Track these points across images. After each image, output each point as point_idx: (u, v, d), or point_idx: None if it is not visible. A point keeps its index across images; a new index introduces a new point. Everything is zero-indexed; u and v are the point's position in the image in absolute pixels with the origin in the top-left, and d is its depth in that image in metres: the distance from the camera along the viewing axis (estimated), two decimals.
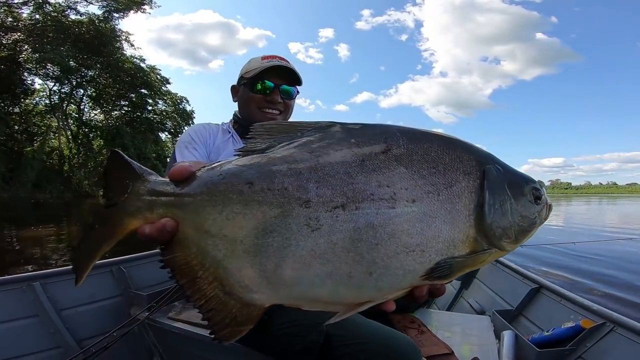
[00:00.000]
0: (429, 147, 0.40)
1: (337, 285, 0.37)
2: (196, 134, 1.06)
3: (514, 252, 0.46)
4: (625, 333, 1.04)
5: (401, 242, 0.36)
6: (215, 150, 1.06)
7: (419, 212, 0.37)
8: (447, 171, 0.39)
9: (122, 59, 26.44)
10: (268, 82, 1.03)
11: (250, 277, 0.37)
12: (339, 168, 0.37)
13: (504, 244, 0.40)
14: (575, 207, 27.19)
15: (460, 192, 0.38)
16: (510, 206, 0.40)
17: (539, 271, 4.30)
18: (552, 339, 1.16)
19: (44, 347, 1.28)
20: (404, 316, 1.21)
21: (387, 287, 0.38)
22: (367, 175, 0.37)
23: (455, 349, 1.04)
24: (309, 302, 0.39)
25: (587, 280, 4.32)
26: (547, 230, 9.35)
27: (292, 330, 0.87)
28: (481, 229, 0.38)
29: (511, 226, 0.40)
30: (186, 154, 1.00)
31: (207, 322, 0.40)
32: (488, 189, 0.39)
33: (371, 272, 0.36)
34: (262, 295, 0.38)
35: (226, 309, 0.39)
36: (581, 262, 5.19)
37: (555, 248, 5.81)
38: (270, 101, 1.04)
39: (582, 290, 3.80)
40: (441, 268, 0.37)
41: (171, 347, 1.31)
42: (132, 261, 1.61)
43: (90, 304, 1.44)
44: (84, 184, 25.25)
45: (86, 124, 28.41)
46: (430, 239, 0.37)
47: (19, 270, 4.22)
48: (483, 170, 0.40)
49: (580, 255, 5.48)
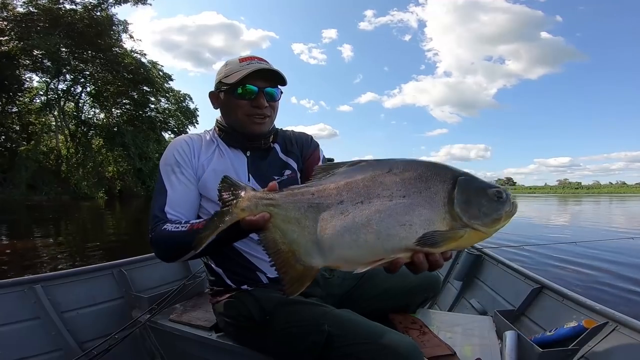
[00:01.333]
0: (418, 167, 0.61)
1: (359, 248, 0.58)
2: (180, 155, 1.01)
3: (514, 253, 0.66)
4: (629, 332, 1.04)
5: (396, 220, 0.58)
6: (200, 167, 1.02)
7: (407, 202, 0.58)
8: (429, 180, 0.60)
9: (121, 54, 24.71)
10: (251, 87, 0.98)
11: (309, 248, 0.61)
12: (360, 182, 0.61)
13: (476, 226, 0.58)
14: (589, 206, 25.93)
15: (437, 191, 0.59)
16: (475, 200, 0.58)
17: (541, 271, 4.28)
18: (554, 339, 1.16)
19: (45, 349, 1.29)
20: (405, 317, 1.21)
21: (390, 248, 0.58)
22: (376, 184, 0.60)
23: (457, 350, 1.03)
24: (345, 262, 0.60)
25: (588, 280, 4.31)
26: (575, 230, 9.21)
27: (293, 330, 0.87)
28: (453, 214, 0.58)
29: (478, 213, 0.58)
30: (174, 181, 0.97)
31: (282, 280, 0.62)
32: (457, 189, 0.58)
33: (379, 237, 0.58)
34: (318, 260, 0.61)
35: (295, 270, 0.61)
36: (582, 261, 5.18)
37: (555, 248, 5.81)
38: (256, 106, 1.00)
39: (584, 289, 3.79)
40: (427, 237, 0.57)
41: (173, 349, 1.31)
42: (133, 264, 1.61)
43: (92, 307, 1.44)
44: (83, 185, 23.87)
45: (85, 122, 27.06)
46: (415, 217, 0.58)
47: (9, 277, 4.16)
48: (456, 179, 0.59)
49: (580, 255, 5.47)
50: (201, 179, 1.01)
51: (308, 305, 0.93)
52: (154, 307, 1.35)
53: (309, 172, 1.04)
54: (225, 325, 1.07)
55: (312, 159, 1.14)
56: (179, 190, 0.98)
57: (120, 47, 25.05)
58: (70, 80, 24.99)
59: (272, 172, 1.07)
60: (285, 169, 1.10)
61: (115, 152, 27.05)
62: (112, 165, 27.69)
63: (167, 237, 0.87)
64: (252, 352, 0.99)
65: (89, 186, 24.30)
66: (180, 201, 0.97)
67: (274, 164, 1.09)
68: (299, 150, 1.15)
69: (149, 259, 1.70)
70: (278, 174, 1.07)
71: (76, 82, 25.37)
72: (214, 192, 0.77)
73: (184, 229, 0.86)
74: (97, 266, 1.52)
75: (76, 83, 25.45)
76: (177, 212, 0.95)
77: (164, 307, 1.37)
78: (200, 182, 1.01)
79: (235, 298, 1.01)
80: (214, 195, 0.79)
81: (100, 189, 25.28)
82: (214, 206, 0.98)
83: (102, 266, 1.52)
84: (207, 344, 1.14)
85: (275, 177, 1.05)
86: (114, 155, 27.34)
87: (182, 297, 1.48)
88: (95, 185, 24.98)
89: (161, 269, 1.72)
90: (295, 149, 1.14)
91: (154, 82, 27.45)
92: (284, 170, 1.09)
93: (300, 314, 0.90)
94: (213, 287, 1.09)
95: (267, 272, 1.04)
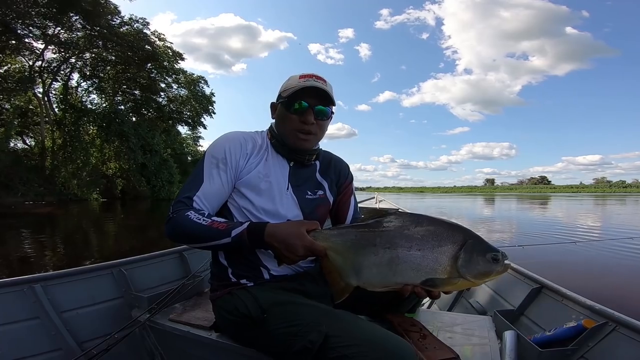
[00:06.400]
0: (439, 227, 0.80)
1: (381, 278, 0.82)
2: (230, 153, 1.05)
3: (514, 253, 0.75)
4: (628, 332, 1.04)
5: (409, 265, 0.79)
6: (247, 168, 1.06)
7: (421, 255, 0.79)
8: (442, 240, 0.79)
9: (115, 23, 19.33)
10: (303, 103, 1.04)
11: (349, 272, 0.84)
12: (391, 232, 0.82)
13: (467, 277, 0.77)
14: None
15: (446, 250, 0.78)
16: (475, 260, 0.77)
17: (540, 271, 4.27)
18: (554, 339, 1.16)
19: (44, 349, 1.29)
20: (404, 319, 1.20)
21: (402, 282, 0.80)
22: (401, 236, 0.81)
23: (457, 349, 1.03)
24: (370, 285, 0.83)
25: (588, 280, 4.31)
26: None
27: (291, 329, 0.87)
28: (454, 267, 0.77)
29: (473, 270, 0.77)
30: (214, 175, 1.02)
31: (331, 291, 0.89)
32: (463, 250, 0.77)
33: (395, 274, 0.80)
34: (353, 280, 0.84)
35: (339, 285, 0.86)
36: (582, 261, 5.18)
37: (556, 248, 5.80)
38: (304, 122, 1.05)
39: (583, 289, 3.78)
40: (429, 281, 0.78)
41: (172, 349, 1.31)
42: (132, 263, 1.61)
43: (91, 306, 1.44)
44: (73, 185, 19.67)
45: (74, 106, 21.36)
46: (423, 266, 0.78)
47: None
48: (465, 242, 0.78)
49: (581, 255, 5.47)
50: (245, 177, 1.05)
51: (306, 305, 0.94)
52: (154, 306, 1.35)
53: (341, 203, 1.23)
54: (224, 323, 1.07)
55: (347, 191, 1.25)
56: (215, 185, 1.02)
57: (112, 13, 19.81)
58: (54, 51, 19.72)
59: (307, 187, 1.14)
60: (319, 190, 1.16)
61: (115, 144, 22.38)
62: (113, 160, 23.06)
63: (188, 223, 0.93)
64: (251, 351, 0.99)
65: (80, 186, 20.20)
66: (211, 196, 1.01)
67: (310, 182, 1.16)
68: (335, 176, 1.22)
69: (149, 258, 1.70)
70: (312, 191, 1.14)
71: (63, 57, 19.52)
72: (254, 191, 1.03)
73: (205, 223, 0.92)
74: (97, 266, 1.52)
75: (63, 58, 19.65)
76: (204, 205, 1.00)
77: (163, 306, 1.37)
78: (244, 180, 1.05)
79: (234, 294, 1.02)
80: (251, 194, 1.03)
81: (94, 188, 21.03)
82: (246, 202, 1.04)
83: (101, 266, 1.52)
84: (206, 344, 1.14)
85: (308, 192, 1.13)
86: (112, 147, 22.56)
87: (182, 297, 1.48)
88: (88, 185, 20.70)
89: (161, 269, 1.72)
90: (332, 173, 1.21)
91: (157, 57, 22.09)
92: (317, 190, 1.16)
93: (298, 314, 0.90)
94: (214, 281, 1.10)
95: (270, 269, 1.05)
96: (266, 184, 1.06)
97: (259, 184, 1.05)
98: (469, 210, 21.99)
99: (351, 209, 1.24)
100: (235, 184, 1.06)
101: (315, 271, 1.11)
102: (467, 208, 24.17)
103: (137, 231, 9.80)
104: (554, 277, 1.55)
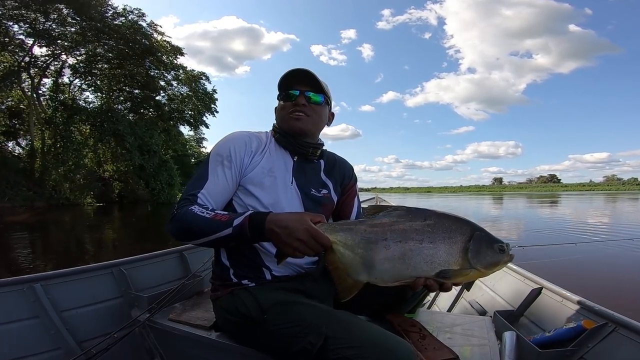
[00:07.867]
0: (447, 220, 0.80)
1: (394, 272, 0.78)
2: (235, 152, 1.06)
3: (515, 253, 0.80)
4: (627, 333, 1.04)
5: (422, 257, 0.77)
6: (251, 165, 1.08)
7: (433, 247, 0.77)
8: (452, 232, 0.78)
9: (108, 15, 17.78)
10: (293, 90, 1.09)
11: (359, 268, 0.80)
12: (400, 225, 0.80)
13: (478, 267, 0.77)
14: None
15: (457, 241, 0.78)
16: (483, 251, 0.77)
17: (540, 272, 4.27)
18: (553, 340, 1.16)
19: (44, 348, 1.29)
20: (403, 319, 1.20)
21: (415, 275, 0.78)
22: (412, 230, 0.79)
23: (456, 350, 1.03)
24: (382, 280, 0.79)
25: (588, 281, 4.31)
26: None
27: (291, 330, 0.87)
28: (465, 259, 0.77)
29: (483, 260, 0.77)
30: (219, 172, 1.03)
31: (337, 288, 0.82)
32: (472, 241, 0.77)
33: (408, 268, 0.78)
34: (363, 277, 0.80)
35: (346, 283, 0.81)
36: (583, 262, 5.17)
37: (556, 248, 5.80)
38: (296, 104, 1.08)
39: (583, 290, 3.78)
40: (443, 272, 0.77)
41: (172, 349, 1.31)
42: (132, 262, 1.61)
43: (91, 306, 1.44)
44: (65, 188, 18.32)
45: (65, 104, 19.90)
46: (437, 258, 0.77)
47: None
48: (473, 234, 0.78)
49: (581, 255, 5.46)
50: (250, 174, 1.06)
51: (306, 306, 0.94)
52: (154, 306, 1.35)
53: (344, 204, 1.23)
54: (224, 323, 1.07)
55: (350, 192, 1.26)
56: (220, 183, 1.02)
57: (103, 5, 18.23)
58: (44, 46, 18.26)
59: (312, 185, 1.14)
60: (323, 189, 1.17)
61: (111, 144, 21.15)
62: (110, 162, 22.02)
63: (191, 217, 0.92)
64: (251, 351, 0.99)
65: (73, 189, 18.89)
66: (215, 193, 1.02)
67: (315, 180, 1.17)
68: (339, 177, 1.23)
69: (149, 258, 1.70)
70: (316, 189, 1.15)
71: (52, 51, 17.85)
72: (258, 187, 1.04)
73: (207, 215, 0.92)
74: (97, 265, 1.52)
75: (52, 52, 18.08)
76: (208, 201, 1.00)
77: (163, 306, 1.37)
78: (249, 177, 1.06)
79: (234, 294, 1.02)
80: (256, 189, 1.04)
81: (88, 192, 19.69)
82: (250, 199, 1.05)
83: (101, 265, 1.52)
84: (206, 343, 1.14)
85: (313, 190, 1.13)
86: (108, 148, 21.42)
87: (182, 297, 1.48)
88: (82, 188, 19.48)
89: (161, 268, 1.72)
90: (337, 173, 1.23)
91: (153, 50, 20.31)
92: (322, 189, 1.17)
93: (298, 314, 0.90)
94: (215, 281, 1.10)
95: (272, 269, 1.05)
96: (270, 179, 1.07)
97: (264, 179, 1.06)
98: (486, 211, 19.98)
99: (354, 210, 1.24)
100: (240, 181, 1.06)
101: (317, 272, 1.11)
102: (485, 209, 22.01)
103: (131, 239, 8.61)
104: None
